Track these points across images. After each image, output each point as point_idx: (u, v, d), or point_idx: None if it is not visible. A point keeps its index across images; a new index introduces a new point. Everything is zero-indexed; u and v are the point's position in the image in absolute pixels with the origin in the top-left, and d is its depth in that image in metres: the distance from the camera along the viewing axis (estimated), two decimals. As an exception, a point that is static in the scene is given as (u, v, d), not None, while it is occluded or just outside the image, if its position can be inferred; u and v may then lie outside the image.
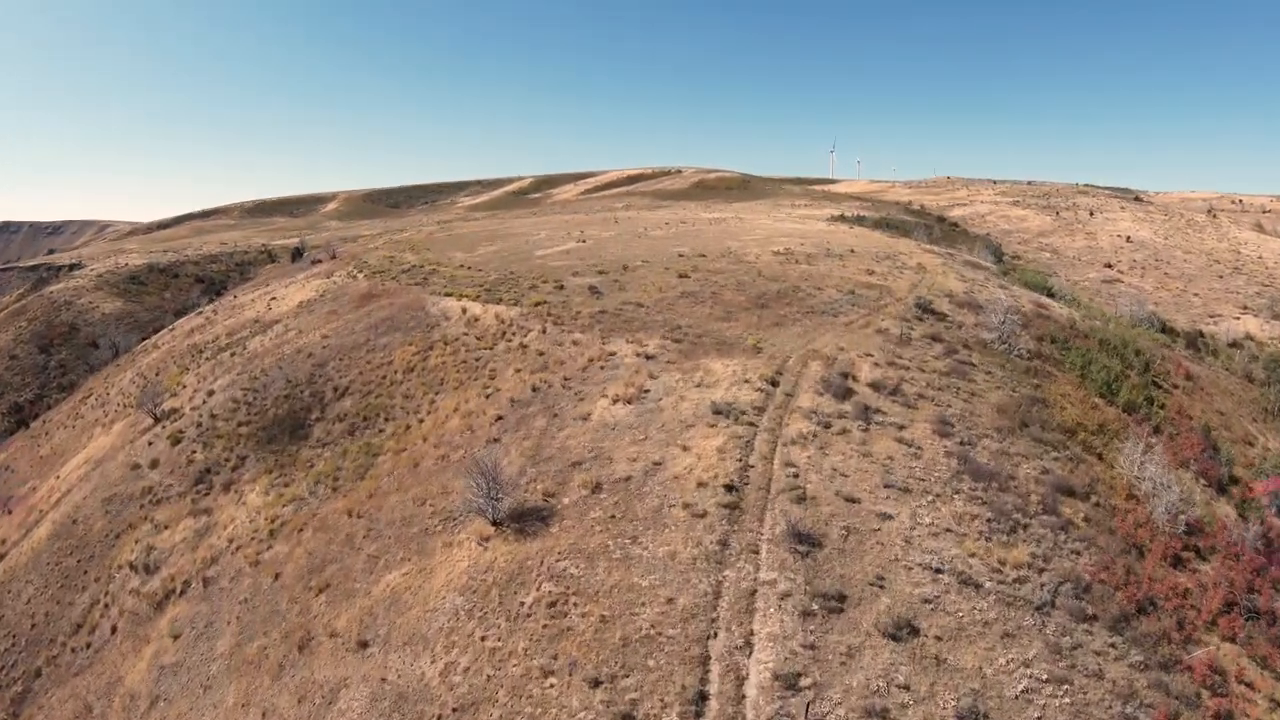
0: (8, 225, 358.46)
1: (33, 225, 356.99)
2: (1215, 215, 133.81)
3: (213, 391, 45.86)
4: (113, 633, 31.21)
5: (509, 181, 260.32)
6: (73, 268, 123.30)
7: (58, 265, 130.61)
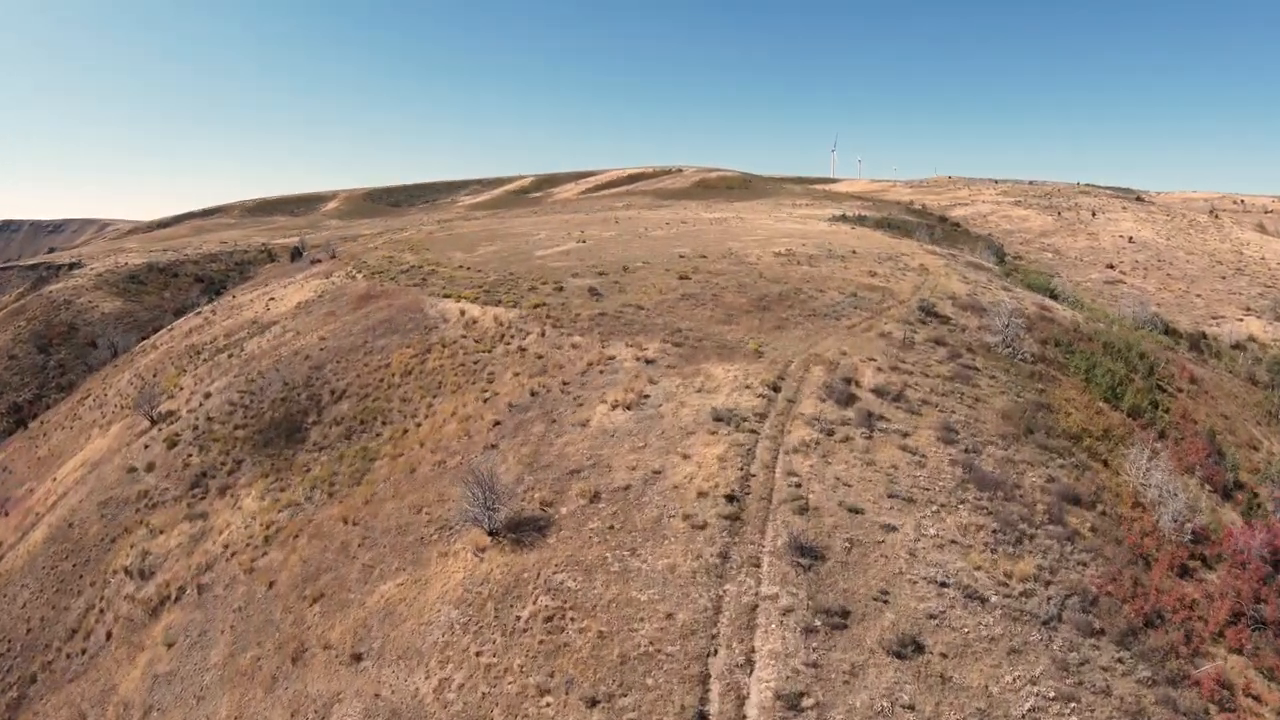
0: (8, 224, 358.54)
1: (33, 224, 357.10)
2: (1217, 216, 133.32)
3: (209, 394, 45.52)
4: (108, 639, 30.91)
5: (510, 180, 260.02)
6: (72, 267, 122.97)
7: (57, 264, 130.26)
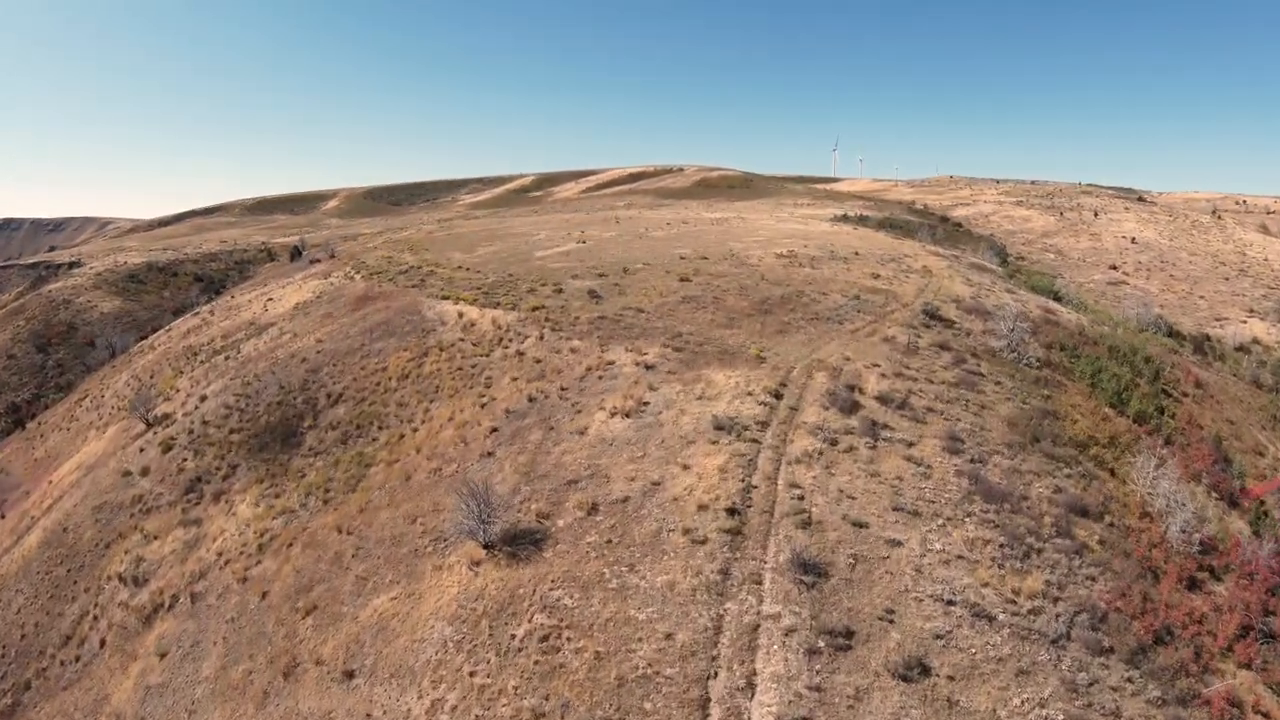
0: (9, 222, 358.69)
1: (34, 222, 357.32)
2: (1220, 216, 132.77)
3: (205, 396, 45.08)
4: (101, 646, 30.56)
5: (511, 179, 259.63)
6: (72, 266, 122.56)
7: (57, 263, 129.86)
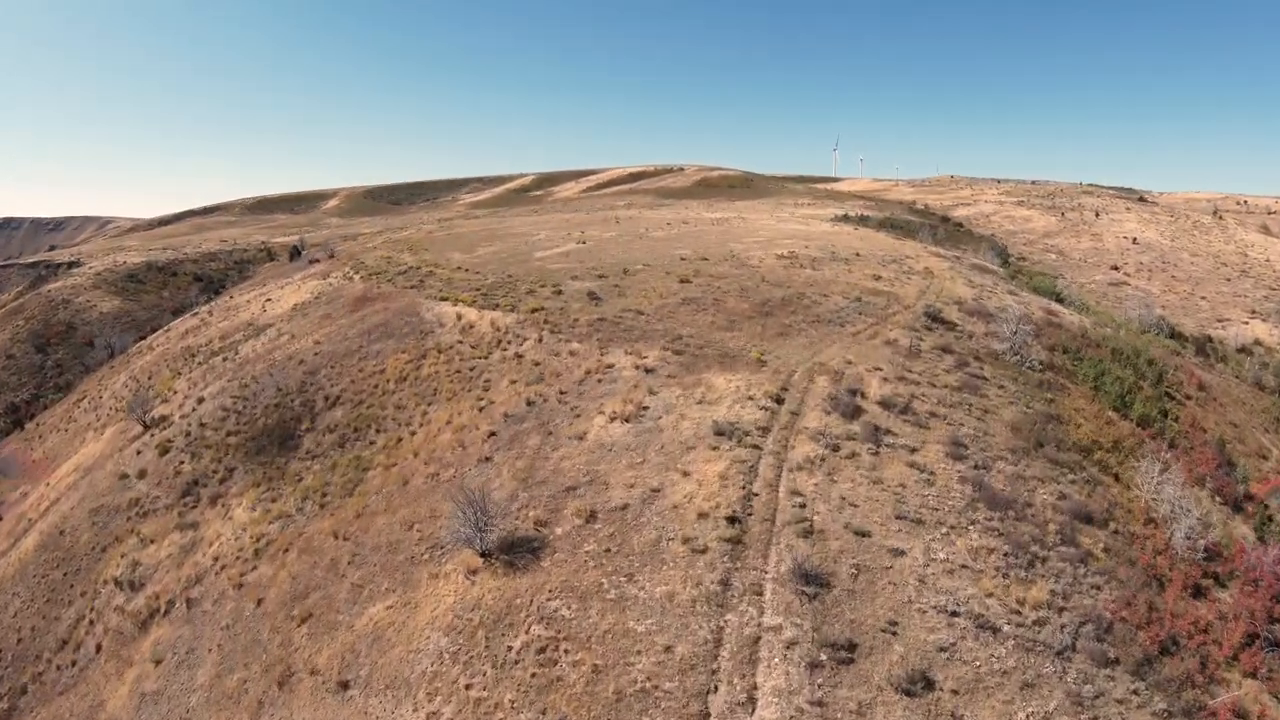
0: (9, 221, 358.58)
1: (34, 221, 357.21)
2: (1221, 217, 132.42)
3: (203, 398, 44.82)
4: (97, 651, 30.36)
5: (511, 179, 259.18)
6: (71, 265, 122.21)
7: (56, 262, 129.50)
